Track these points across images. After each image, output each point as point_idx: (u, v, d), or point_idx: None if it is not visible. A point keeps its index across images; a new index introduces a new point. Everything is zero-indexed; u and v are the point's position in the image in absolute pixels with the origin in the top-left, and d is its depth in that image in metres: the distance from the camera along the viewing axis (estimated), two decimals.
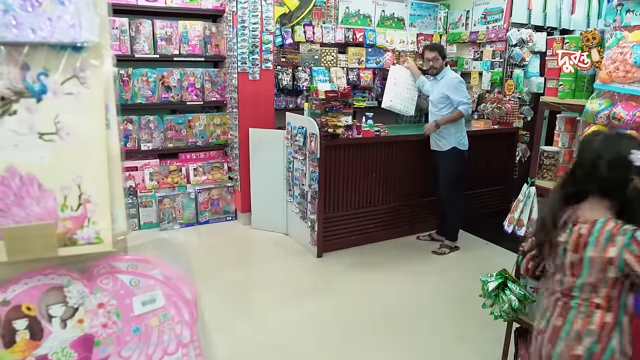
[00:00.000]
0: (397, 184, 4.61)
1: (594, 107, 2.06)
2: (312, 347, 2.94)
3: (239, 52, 4.62)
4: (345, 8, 5.72)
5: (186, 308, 0.76)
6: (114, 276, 0.73)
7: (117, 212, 0.69)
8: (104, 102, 0.65)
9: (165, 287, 0.74)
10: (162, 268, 0.75)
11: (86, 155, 0.65)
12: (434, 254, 4.36)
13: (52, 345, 0.71)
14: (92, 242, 0.68)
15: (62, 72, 0.62)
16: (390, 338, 3.05)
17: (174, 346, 0.76)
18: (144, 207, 4.82)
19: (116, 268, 0.73)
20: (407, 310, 3.40)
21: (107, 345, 0.73)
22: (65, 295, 0.72)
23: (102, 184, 0.67)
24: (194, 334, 0.78)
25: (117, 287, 0.73)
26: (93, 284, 0.73)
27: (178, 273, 0.76)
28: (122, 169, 0.69)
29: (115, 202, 0.68)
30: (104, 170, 0.67)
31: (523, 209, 2.49)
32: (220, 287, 3.65)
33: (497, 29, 5.63)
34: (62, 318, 0.72)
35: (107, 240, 0.69)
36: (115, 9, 4.48)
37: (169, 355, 0.76)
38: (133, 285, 0.74)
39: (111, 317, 0.73)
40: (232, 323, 3.17)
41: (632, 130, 1.96)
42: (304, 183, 4.31)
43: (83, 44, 0.62)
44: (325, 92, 4.00)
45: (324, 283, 3.82)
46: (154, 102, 4.79)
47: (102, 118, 0.65)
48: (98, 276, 0.73)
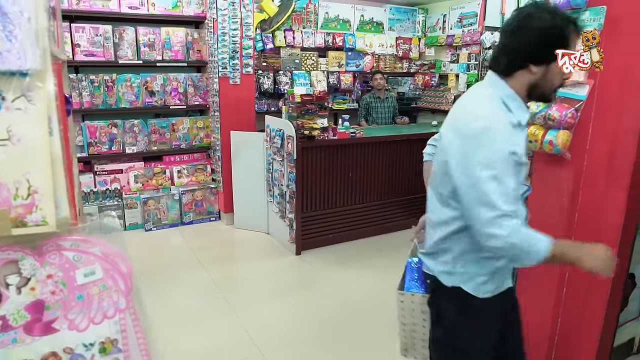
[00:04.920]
0: (374, 184, 4.78)
1: (533, 108, 2.24)
2: (288, 342, 3.08)
3: (219, 57, 4.78)
4: (325, 13, 5.90)
5: (122, 279, 0.93)
6: (60, 252, 0.90)
7: (60, 200, 0.86)
8: (47, 115, 0.83)
9: (104, 262, 0.91)
10: (101, 246, 0.91)
11: (33, 156, 0.84)
12: None
13: (10, 308, 0.88)
14: (39, 224, 0.85)
15: (13, 92, 0.82)
16: (363, 332, 3.21)
17: (112, 311, 0.92)
18: (129, 208, 4.97)
19: (62, 246, 0.90)
20: (380, 305, 3.56)
21: (55, 309, 0.90)
22: (20, 267, 0.89)
23: (47, 178, 0.85)
24: (129, 302, 0.94)
25: (63, 261, 0.90)
26: (42, 259, 0.90)
27: (114, 250, 0.92)
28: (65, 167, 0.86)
29: (58, 192, 0.85)
30: (48, 168, 0.84)
31: None
32: (201, 285, 3.81)
33: (472, 33, 5.82)
34: (18, 286, 0.89)
35: (51, 223, 0.85)
36: (99, 17, 4.66)
37: (108, 319, 0.92)
38: (76, 260, 0.91)
39: (58, 286, 0.90)
40: (211, 318, 3.32)
41: (564, 130, 2.14)
42: (283, 183, 4.48)
43: (28, 71, 0.80)
44: (301, 95, 4.17)
45: (302, 280, 3.98)
46: (138, 106, 4.94)
47: (45, 127, 0.84)
48: (46, 252, 0.90)
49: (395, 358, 2.93)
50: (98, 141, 4.86)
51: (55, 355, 0.90)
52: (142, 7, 4.77)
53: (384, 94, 5.78)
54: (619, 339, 2.92)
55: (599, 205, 2.16)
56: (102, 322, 0.92)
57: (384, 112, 5.75)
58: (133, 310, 0.94)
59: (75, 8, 4.50)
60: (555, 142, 2.12)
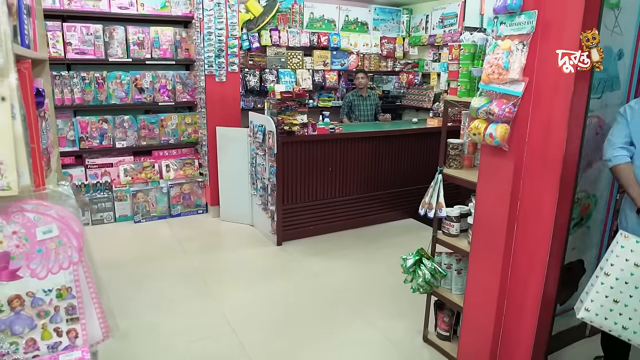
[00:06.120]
0: (352, 178, 4.99)
1: (476, 104, 2.44)
2: (263, 325, 3.27)
3: (206, 55, 4.98)
4: (310, 13, 6.10)
5: (74, 238, 1.13)
6: (23, 213, 1.10)
7: (22, 171, 1.05)
8: (10, 102, 1.03)
9: (59, 222, 1.11)
10: (57, 209, 1.11)
11: None
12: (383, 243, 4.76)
13: None
14: (4, 189, 1.05)
15: None
16: (335, 317, 3.41)
17: (67, 263, 1.12)
18: (119, 201, 5.18)
19: (24, 208, 1.10)
20: (352, 291, 3.77)
21: (19, 259, 1.11)
22: None
23: (10, 153, 1.05)
24: (82, 257, 1.14)
25: (25, 220, 1.10)
26: (8, 218, 1.10)
27: (68, 213, 1.12)
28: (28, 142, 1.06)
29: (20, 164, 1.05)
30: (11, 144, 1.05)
31: (432, 193, 2.87)
32: (184, 272, 4.01)
33: (452, 32, 6.02)
34: None
35: (14, 189, 1.05)
36: (90, 17, 4.86)
37: (64, 270, 1.13)
38: (36, 220, 1.11)
39: (21, 241, 1.10)
40: (192, 302, 3.53)
41: (503, 124, 2.34)
42: (265, 177, 4.69)
43: None
44: (281, 92, 4.38)
45: (280, 269, 4.18)
46: (127, 102, 5.15)
47: (9, 112, 1.03)
48: (12, 213, 1.10)
49: (364, 339, 3.15)
50: (89, 136, 5.06)
51: (20, 298, 1.10)
52: (131, 7, 4.97)
53: (366, 92, 5.98)
54: (569, 324, 3.11)
55: (538, 194, 2.35)
56: (58, 272, 1.12)
57: (366, 109, 5.95)
58: (85, 264, 1.14)
59: (67, 8, 4.70)
60: (495, 134, 2.31)
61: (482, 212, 2.57)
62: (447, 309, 3.07)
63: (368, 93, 6.01)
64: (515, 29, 2.29)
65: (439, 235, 2.94)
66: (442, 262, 2.99)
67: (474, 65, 2.68)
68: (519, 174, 2.41)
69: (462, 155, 2.90)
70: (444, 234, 2.92)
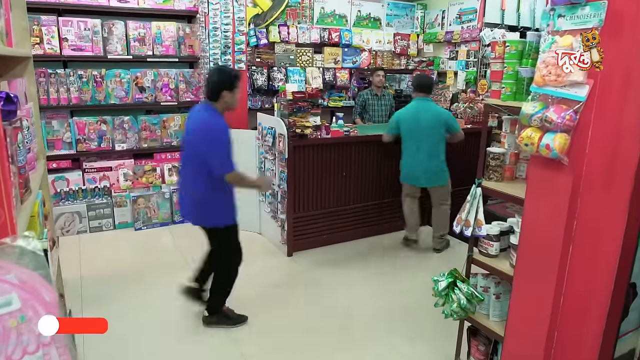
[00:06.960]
0: (367, 184, 4.66)
1: (528, 110, 2.11)
2: (273, 347, 2.99)
3: (211, 52, 4.66)
4: (321, 8, 5.77)
5: (45, 310, 0.81)
6: None
7: None
8: None
9: (21, 290, 0.79)
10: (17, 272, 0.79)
11: None
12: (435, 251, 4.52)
13: None
14: None
15: None
16: (350, 336, 3.11)
17: (34, 346, 0.80)
18: (118, 207, 4.86)
19: None
20: (369, 308, 3.46)
21: None
22: None
23: None
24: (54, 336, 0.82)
25: None
26: None
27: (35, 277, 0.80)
28: None
29: None
30: None
31: (469, 209, 2.55)
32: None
33: (471, 29, 5.69)
34: None
35: None
36: (87, 11, 4.54)
37: (30, 355, 0.80)
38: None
39: None
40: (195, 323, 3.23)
41: (562, 133, 2.01)
42: (274, 183, 4.36)
43: None
44: (293, 92, 4.05)
45: (292, 284, 3.86)
46: (127, 102, 4.83)
47: None
48: None
49: None
50: (87, 138, 4.75)
51: None
52: (132, 1, 4.65)
53: (381, 92, 5.65)
54: (619, 350, 2.81)
55: (599, 212, 2.03)
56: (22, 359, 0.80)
57: (381, 109, 5.62)
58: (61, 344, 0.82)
59: (63, 1, 4.38)
60: (552, 145, 1.99)
61: (530, 231, 2.25)
62: (483, 335, 2.76)
63: (383, 92, 5.68)
64: (578, 23, 1.96)
65: (475, 255, 2.62)
66: (478, 284, 2.67)
67: (521, 65, 2.35)
68: (577, 189, 2.09)
69: (503, 167, 2.58)
70: (481, 253, 2.59)
